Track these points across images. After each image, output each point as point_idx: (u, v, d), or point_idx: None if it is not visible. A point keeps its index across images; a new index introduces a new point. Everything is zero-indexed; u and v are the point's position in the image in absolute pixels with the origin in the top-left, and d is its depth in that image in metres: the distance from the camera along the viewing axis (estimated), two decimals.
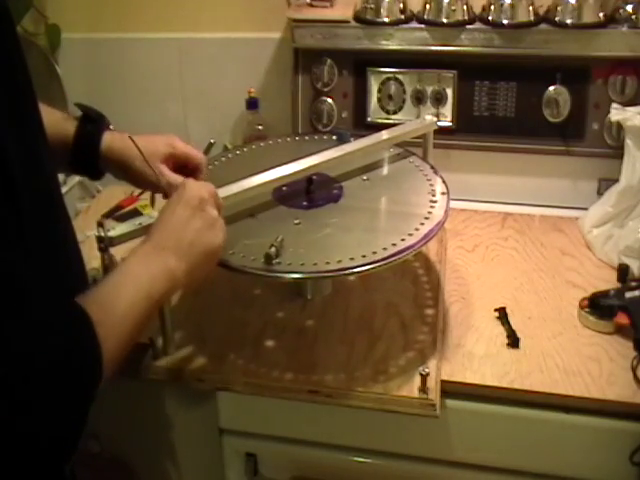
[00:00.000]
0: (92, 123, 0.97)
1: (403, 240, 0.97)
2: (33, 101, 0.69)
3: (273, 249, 0.95)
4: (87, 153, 0.96)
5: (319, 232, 1.02)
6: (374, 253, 0.95)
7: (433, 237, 0.99)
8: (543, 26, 1.35)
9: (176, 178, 0.96)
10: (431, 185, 1.11)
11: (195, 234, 0.83)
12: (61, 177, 1.51)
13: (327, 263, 0.94)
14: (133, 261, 0.79)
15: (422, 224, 1.01)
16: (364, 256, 0.94)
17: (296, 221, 1.04)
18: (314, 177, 1.12)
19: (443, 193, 1.08)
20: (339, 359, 1.02)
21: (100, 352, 0.66)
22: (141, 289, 0.75)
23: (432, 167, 1.16)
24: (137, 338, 0.76)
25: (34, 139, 0.69)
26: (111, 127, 1.01)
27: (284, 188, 1.09)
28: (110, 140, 0.96)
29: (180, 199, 0.85)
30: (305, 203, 1.08)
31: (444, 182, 1.12)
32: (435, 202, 1.06)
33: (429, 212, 1.04)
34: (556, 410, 1.00)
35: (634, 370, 1.00)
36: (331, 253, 0.96)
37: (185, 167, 0.99)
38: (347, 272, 0.94)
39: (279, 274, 0.94)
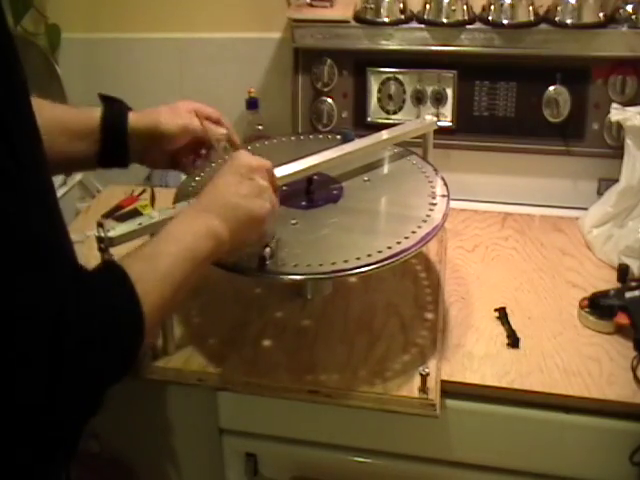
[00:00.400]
0: (116, 104, 1.00)
1: (399, 243, 0.96)
2: (28, 103, 0.69)
3: (268, 249, 0.95)
4: (116, 133, 0.98)
5: (316, 233, 1.01)
6: (369, 256, 0.94)
7: (430, 241, 0.98)
8: (543, 26, 1.35)
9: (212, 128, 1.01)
10: (432, 187, 1.10)
11: (240, 199, 0.84)
12: (61, 177, 1.51)
13: (320, 265, 0.93)
14: (177, 222, 0.80)
15: (419, 227, 1.00)
16: (358, 258, 0.93)
17: (293, 221, 1.04)
18: (315, 177, 1.11)
19: (443, 196, 1.07)
20: (339, 359, 1.02)
21: (140, 309, 0.66)
22: (185, 247, 0.76)
23: (434, 168, 1.15)
24: (181, 299, 0.76)
25: (29, 141, 0.69)
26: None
27: (284, 188, 1.09)
28: (135, 117, 0.99)
29: (230, 167, 0.88)
30: (304, 203, 1.08)
31: (445, 184, 1.11)
32: (434, 205, 1.05)
33: (427, 215, 1.03)
34: (556, 410, 1.00)
35: (634, 370, 1.00)
36: (326, 255, 0.95)
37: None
38: (340, 274, 0.94)
39: (271, 275, 0.94)
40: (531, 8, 1.36)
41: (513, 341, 1.06)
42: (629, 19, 1.32)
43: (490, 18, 1.37)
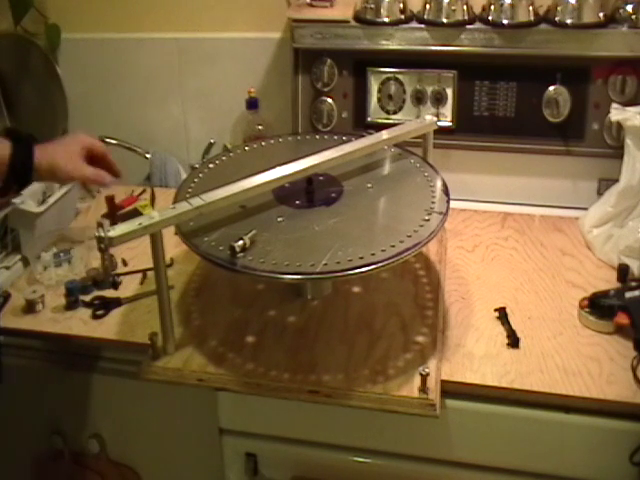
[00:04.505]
0: (23, 141, 1.07)
1: (373, 255, 0.95)
2: None
3: (240, 242, 0.95)
4: (22, 173, 1.05)
5: (295, 233, 1.01)
6: (337, 263, 0.93)
7: (406, 258, 0.96)
8: (543, 26, 1.35)
9: (92, 171, 1.09)
10: (432, 202, 1.07)
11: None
12: None
13: (287, 265, 0.93)
14: None
15: (402, 242, 0.97)
16: (326, 264, 0.93)
17: (280, 219, 1.04)
18: (320, 177, 1.11)
19: (440, 212, 1.04)
20: (339, 359, 1.02)
21: None
22: None
23: (444, 184, 1.12)
24: None
25: None
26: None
27: (286, 185, 1.09)
28: (38, 157, 1.05)
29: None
30: (298, 202, 1.08)
31: (448, 200, 1.07)
32: (427, 221, 1.02)
33: (415, 230, 1.00)
34: (556, 410, 1.00)
35: (634, 370, 1.00)
36: (296, 255, 0.95)
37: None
38: (301, 278, 0.94)
39: (236, 267, 0.94)
40: (531, 8, 1.36)
41: (513, 341, 1.06)
42: (629, 19, 1.32)
43: (490, 18, 1.37)
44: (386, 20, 1.40)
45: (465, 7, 1.38)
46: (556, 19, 1.35)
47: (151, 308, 1.14)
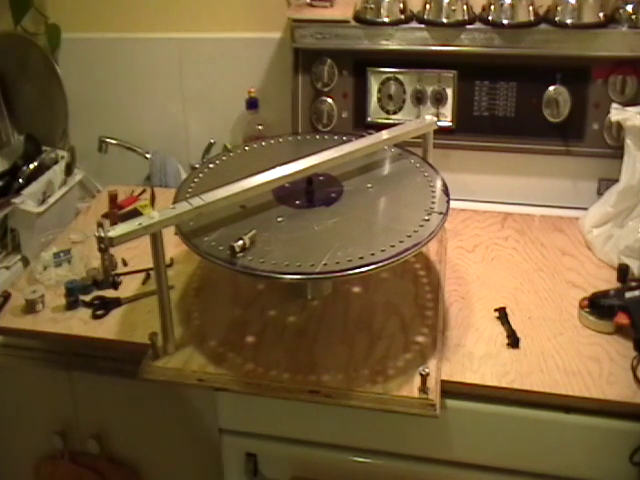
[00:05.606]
0: None
1: (373, 255, 0.95)
2: None
3: (240, 242, 0.95)
4: None
5: (295, 233, 1.01)
6: (337, 263, 0.93)
7: (406, 258, 0.96)
8: (543, 26, 1.35)
9: None
10: (432, 202, 1.07)
11: None
12: (61, 177, 1.51)
13: (286, 265, 0.93)
14: None
15: (401, 242, 0.97)
16: (325, 264, 0.93)
17: (279, 219, 1.04)
18: (320, 177, 1.11)
19: (440, 212, 1.04)
20: (339, 359, 1.02)
21: None
22: None
23: (444, 184, 1.11)
24: None
25: None
26: None
27: (286, 185, 1.09)
28: None
29: None
30: (298, 202, 1.08)
31: (448, 200, 1.07)
32: (427, 221, 1.02)
33: (415, 230, 1.00)
34: (556, 410, 1.00)
35: (634, 370, 1.00)
36: (295, 255, 0.95)
37: None
38: (300, 278, 0.94)
39: (236, 267, 0.94)
40: (531, 8, 1.36)
41: (513, 341, 1.06)
42: (629, 19, 1.32)
43: (490, 18, 1.37)
44: (386, 20, 1.40)
45: (465, 7, 1.38)
46: (556, 19, 1.35)
47: (151, 308, 1.14)
